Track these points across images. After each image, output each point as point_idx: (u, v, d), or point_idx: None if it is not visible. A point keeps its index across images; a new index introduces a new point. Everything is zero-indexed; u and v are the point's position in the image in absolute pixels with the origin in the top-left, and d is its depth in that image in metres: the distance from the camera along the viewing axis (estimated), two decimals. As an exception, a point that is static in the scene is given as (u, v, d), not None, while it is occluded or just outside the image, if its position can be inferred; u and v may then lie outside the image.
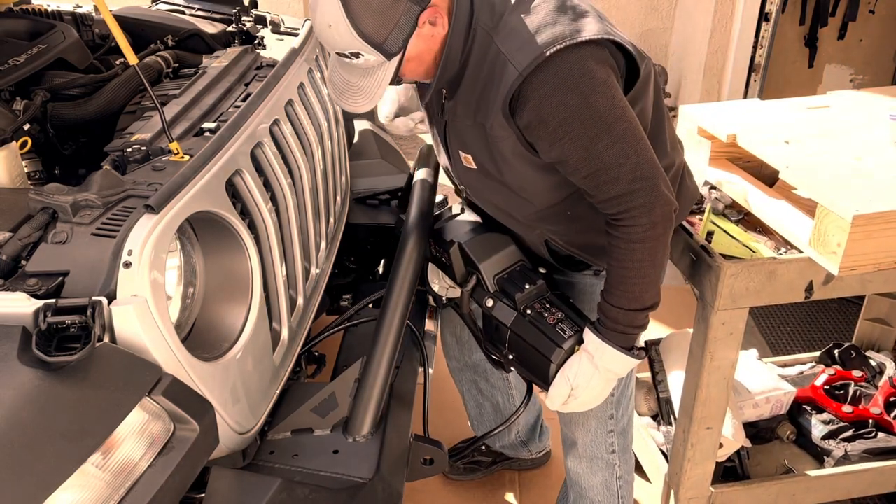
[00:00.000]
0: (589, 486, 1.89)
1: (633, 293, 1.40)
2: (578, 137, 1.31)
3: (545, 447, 2.42)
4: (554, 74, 1.28)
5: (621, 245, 1.38)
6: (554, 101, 1.29)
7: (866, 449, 2.14)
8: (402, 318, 1.58)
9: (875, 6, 4.08)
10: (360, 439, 1.50)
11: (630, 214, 1.35)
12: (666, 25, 3.72)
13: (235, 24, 2.27)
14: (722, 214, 1.85)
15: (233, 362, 1.36)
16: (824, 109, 2.02)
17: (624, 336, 1.43)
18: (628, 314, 1.41)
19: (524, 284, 1.55)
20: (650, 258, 1.38)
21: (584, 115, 1.29)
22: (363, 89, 1.35)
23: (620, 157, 1.32)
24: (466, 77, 1.38)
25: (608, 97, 1.30)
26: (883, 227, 1.53)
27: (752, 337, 3.08)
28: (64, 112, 1.79)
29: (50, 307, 1.09)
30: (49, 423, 1.02)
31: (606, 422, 1.78)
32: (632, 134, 1.33)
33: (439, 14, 1.32)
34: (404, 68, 1.36)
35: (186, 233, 1.35)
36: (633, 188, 1.33)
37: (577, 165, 1.35)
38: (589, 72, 1.29)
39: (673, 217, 1.39)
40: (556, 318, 1.51)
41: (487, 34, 1.33)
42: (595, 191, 1.37)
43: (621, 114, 1.32)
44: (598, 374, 1.45)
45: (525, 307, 1.53)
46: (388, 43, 1.28)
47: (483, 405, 2.22)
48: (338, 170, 2.16)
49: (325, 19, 1.26)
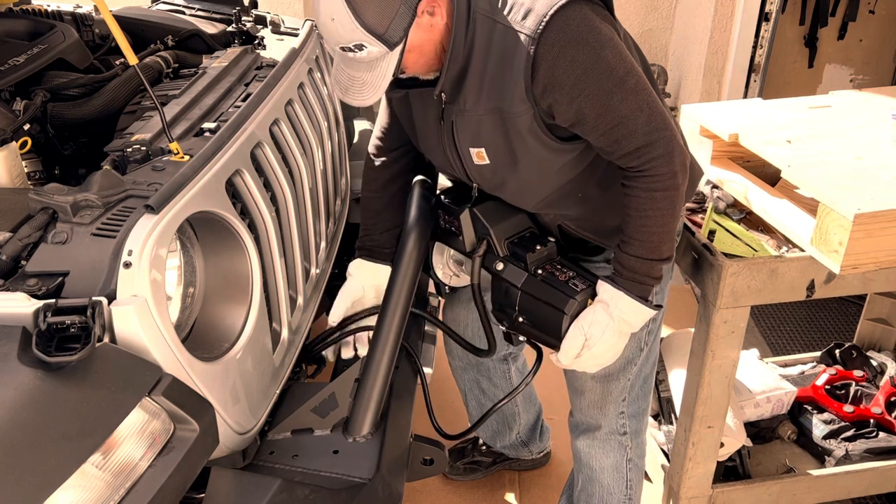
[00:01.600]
0: (599, 468, 1.89)
1: (653, 242, 1.42)
2: (594, 93, 1.34)
3: (545, 447, 2.42)
4: (562, 31, 1.32)
5: (642, 195, 1.40)
6: (567, 59, 1.32)
7: (867, 449, 2.14)
8: (402, 318, 1.58)
9: (875, 6, 4.08)
10: (360, 439, 1.50)
11: (651, 165, 1.38)
12: (666, 25, 3.71)
13: (235, 24, 2.27)
14: (724, 213, 1.85)
15: (233, 362, 1.36)
16: (825, 109, 2.01)
17: (641, 286, 1.45)
18: (646, 263, 1.43)
19: (535, 245, 1.57)
20: (670, 207, 1.41)
21: (596, 70, 1.33)
22: (368, 82, 1.38)
23: (635, 109, 1.35)
24: (473, 67, 1.40)
25: (616, 52, 1.34)
26: (884, 225, 1.53)
27: (752, 337, 3.08)
28: (64, 112, 1.79)
29: (50, 307, 1.08)
30: (49, 423, 1.01)
31: (620, 404, 1.80)
32: (643, 87, 1.37)
33: (437, 4, 1.35)
34: (406, 60, 1.39)
35: (186, 233, 1.35)
36: (651, 139, 1.36)
37: (594, 122, 1.37)
38: (595, 28, 1.33)
39: (688, 167, 1.42)
40: (568, 275, 1.52)
41: (488, 19, 1.37)
42: (615, 146, 1.39)
43: (630, 67, 1.36)
44: (612, 323, 1.45)
45: (536, 268, 1.55)
46: (389, 33, 1.31)
47: (485, 405, 2.22)
48: (338, 170, 2.16)
49: (329, 13, 1.30)
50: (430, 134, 1.58)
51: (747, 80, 3.55)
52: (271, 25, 2.34)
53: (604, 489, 1.91)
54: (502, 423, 2.26)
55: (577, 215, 1.59)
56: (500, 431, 2.28)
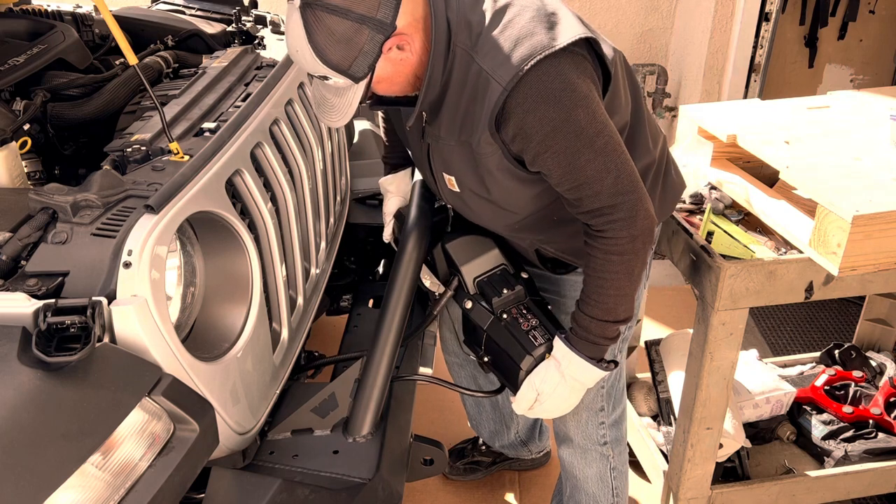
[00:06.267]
0: (583, 478, 1.90)
1: (607, 304, 1.41)
2: (560, 151, 1.32)
3: (545, 447, 2.42)
4: (535, 87, 1.29)
5: (599, 256, 1.39)
6: (537, 115, 1.30)
7: (866, 449, 2.14)
8: (402, 318, 1.59)
9: (875, 6, 4.08)
10: (360, 439, 1.50)
11: (611, 227, 1.36)
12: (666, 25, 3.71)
13: (235, 24, 2.27)
14: (722, 215, 1.85)
15: (233, 362, 1.36)
16: (824, 110, 2.02)
17: (594, 346, 1.44)
18: (600, 325, 1.42)
19: (502, 289, 1.58)
20: (627, 271, 1.39)
21: (565, 130, 1.30)
22: (336, 107, 1.37)
23: (602, 171, 1.33)
24: (448, 98, 1.39)
25: (589, 111, 1.31)
26: (883, 227, 1.53)
27: (752, 337, 3.08)
28: (64, 112, 1.79)
29: (50, 307, 1.09)
30: (49, 423, 1.02)
31: (597, 414, 1.80)
32: (612, 148, 1.34)
33: (406, 41, 1.32)
34: (376, 87, 1.38)
35: (186, 233, 1.35)
36: (615, 202, 1.34)
37: (559, 179, 1.36)
38: (570, 85, 1.30)
39: (654, 232, 1.40)
40: (531, 324, 1.54)
41: (467, 54, 1.34)
42: (578, 203, 1.38)
43: (602, 128, 1.32)
44: (563, 382, 1.46)
45: (501, 311, 1.56)
46: (353, 69, 1.29)
47: (482, 402, 2.22)
48: (338, 170, 2.16)
49: (293, 44, 1.29)
50: (415, 148, 1.59)
51: (747, 81, 3.55)
52: (271, 25, 2.34)
53: (590, 497, 1.92)
54: (500, 422, 2.26)
55: (553, 238, 1.58)
56: (497, 430, 2.28)
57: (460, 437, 2.49)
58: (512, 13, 1.33)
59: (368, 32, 1.26)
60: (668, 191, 1.65)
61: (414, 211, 1.70)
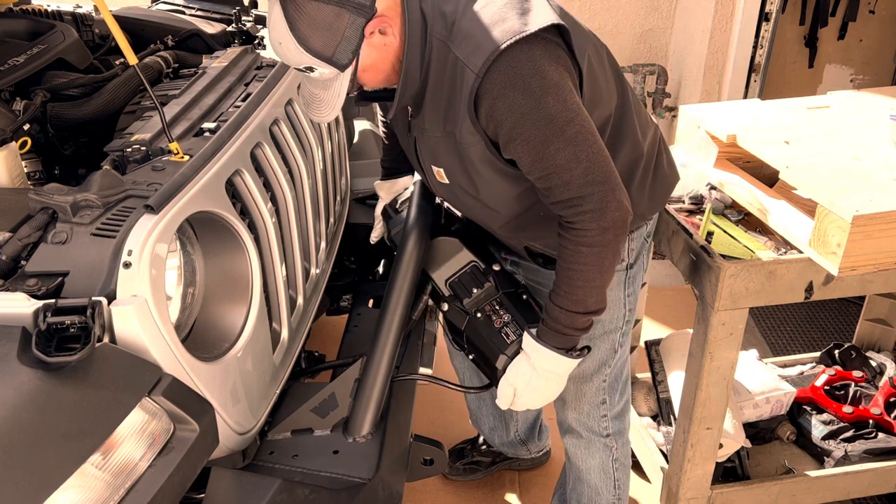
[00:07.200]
0: (586, 469, 1.90)
1: (577, 296, 1.40)
2: (530, 139, 1.31)
3: (545, 446, 2.42)
4: (505, 73, 1.28)
5: (569, 247, 1.38)
6: (507, 101, 1.29)
7: (866, 449, 2.14)
8: (402, 318, 1.59)
9: (875, 6, 4.08)
10: (360, 439, 1.50)
11: (581, 219, 1.35)
12: (666, 25, 3.71)
13: (235, 24, 2.27)
14: (722, 215, 1.85)
15: (233, 362, 1.36)
16: (824, 109, 2.01)
17: (563, 337, 1.44)
18: (570, 315, 1.41)
19: (472, 288, 1.59)
20: (597, 263, 1.38)
21: (534, 117, 1.29)
22: (324, 100, 1.37)
23: (572, 160, 1.31)
24: (429, 90, 1.38)
25: (560, 99, 1.30)
26: (883, 227, 1.53)
27: (752, 337, 3.08)
28: (64, 112, 1.79)
29: (50, 307, 1.09)
30: (49, 423, 1.02)
31: (599, 406, 1.80)
32: (583, 138, 1.32)
33: (388, 24, 1.32)
34: (362, 77, 1.38)
35: (186, 233, 1.35)
36: (585, 192, 1.33)
37: (529, 167, 1.35)
38: (540, 72, 1.29)
39: (626, 224, 1.38)
40: (503, 320, 1.54)
41: (443, 44, 1.34)
42: (548, 193, 1.37)
43: (573, 116, 1.31)
44: (536, 374, 1.46)
45: (475, 310, 1.57)
46: (336, 56, 1.29)
47: (483, 398, 2.23)
48: (338, 170, 2.16)
49: (276, 37, 1.29)
50: (404, 142, 1.60)
51: (747, 80, 3.54)
52: (271, 25, 2.34)
53: (592, 489, 1.92)
54: (499, 420, 2.26)
55: (541, 234, 1.57)
56: (496, 428, 2.28)
57: (460, 437, 2.49)
58: (485, 0, 1.33)
59: (349, 16, 1.26)
60: (658, 184, 1.64)
61: (413, 211, 1.71)
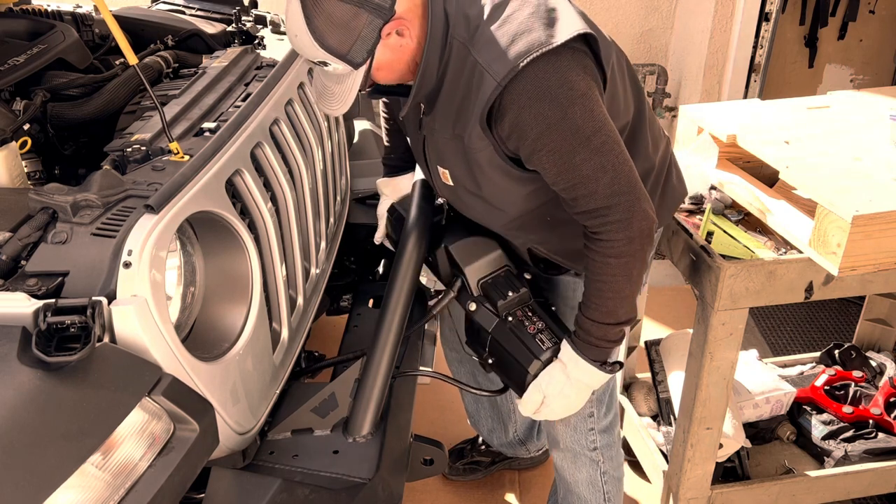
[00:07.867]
0: (574, 482, 1.90)
1: (608, 307, 1.40)
2: (556, 150, 1.30)
3: (543, 445, 2.42)
4: (531, 84, 1.27)
5: (597, 259, 1.37)
6: (532, 112, 1.28)
7: (866, 449, 2.14)
8: (402, 318, 1.59)
9: (875, 6, 4.08)
10: (360, 439, 1.50)
11: (607, 229, 1.34)
12: (666, 25, 3.71)
13: (235, 24, 2.27)
14: (722, 215, 1.85)
15: (233, 362, 1.36)
16: (824, 109, 2.01)
17: (597, 349, 1.44)
18: (602, 327, 1.41)
19: (507, 291, 1.56)
20: (625, 273, 1.37)
21: (561, 128, 1.29)
22: (336, 94, 1.36)
23: (598, 170, 1.31)
24: (444, 90, 1.38)
25: (586, 109, 1.29)
26: (883, 227, 1.53)
27: (752, 337, 3.08)
28: (64, 112, 1.79)
29: (50, 307, 1.09)
30: (49, 423, 1.02)
31: (586, 419, 1.79)
32: (609, 148, 1.32)
33: (406, 26, 1.32)
34: (375, 75, 1.37)
35: (186, 233, 1.35)
36: (612, 202, 1.33)
37: (555, 178, 1.35)
38: (567, 82, 1.28)
39: (653, 233, 1.38)
40: (537, 327, 1.52)
41: (464, 46, 1.33)
42: (574, 203, 1.36)
43: (599, 126, 1.31)
44: (569, 384, 1.46)
45: (507, 314, 1.54)
46: (351, 54, 1.29)
47: (480, 399, 2.23)
48: (338, 170, 2.16)
49: (293, 30, 1.29)
50: (412, 139, 1.59)
51: (747, 80, 3.54)
52: (271, 25, 2.34)
53: (582, 501, 1.92)
54: (497, 421, 2.26)
55: (546, 239, 1.57)
56: (494, 429, 2.28)
57: (460, 437, 2.49)
58: (511, 8, 1.32)
59: (367, 16, 1.26)
60: (667, 196, 1.64)
61: (414, 211, 1.70)
